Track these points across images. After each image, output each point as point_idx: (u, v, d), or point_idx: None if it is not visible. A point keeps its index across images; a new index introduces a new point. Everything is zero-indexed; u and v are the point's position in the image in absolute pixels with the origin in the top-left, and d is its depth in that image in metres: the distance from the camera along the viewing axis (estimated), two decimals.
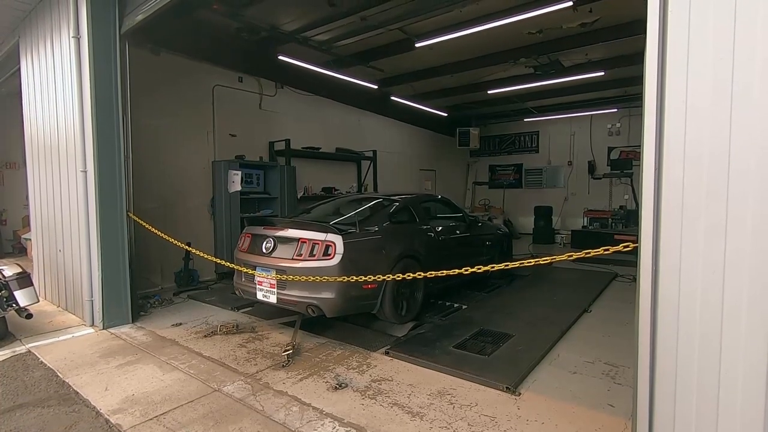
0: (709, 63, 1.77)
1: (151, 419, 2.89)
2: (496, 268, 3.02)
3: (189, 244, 5.32)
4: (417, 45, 7.19)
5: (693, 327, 1.83)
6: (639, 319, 1.98)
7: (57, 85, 5.24)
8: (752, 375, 1.70)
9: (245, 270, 4.44)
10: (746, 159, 1.70)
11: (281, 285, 4.25)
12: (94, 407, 3.06)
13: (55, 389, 3.36)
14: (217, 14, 6.36)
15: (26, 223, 9.05)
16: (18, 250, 9.47)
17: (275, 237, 4.52)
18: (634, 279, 2.15)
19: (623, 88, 10.49)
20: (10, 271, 4.40)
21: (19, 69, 6.37)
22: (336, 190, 9.67)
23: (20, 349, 4.21)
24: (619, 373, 3.52)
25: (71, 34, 4.68)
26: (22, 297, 4.35)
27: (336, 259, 4.07)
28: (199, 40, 6.99)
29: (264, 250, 4.51)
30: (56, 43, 5.17)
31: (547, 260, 2.84)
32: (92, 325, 4.81)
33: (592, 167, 12.76)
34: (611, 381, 3.39)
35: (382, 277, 3.59)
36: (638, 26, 6.51)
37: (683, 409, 1.88)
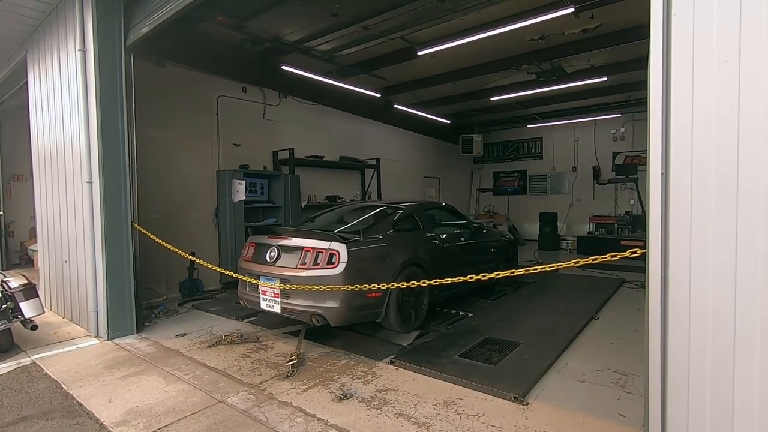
0: (714, 66, 1.75)
1: (154, 431, 2.87)
2: (501, 276, 2.99)
3: (193, 254, 5.32)
4: (419, 53, 7.22)
5: (705, 335, 1.79)
6: (649, 328, 1.95)
7: (63, 97, 5.30)
8: None
9: (249, 279, 4.43)
10: (756, 164, 1.67)
11: (285, 294, 4.23)
12: (98, 419, 3.04)
13: (60, 401, 3.35)
14: (221, 26, 6.44)
15: (33, 235, 9.11)
16: (25, 261, 9.53)
17: (279, 246, 4.51)
18: (642, 285, 2.12)
19: (627, 93, 10.47)
20: (15, 282, 4.41)
21: (26, 83, 6.46)
22: (340, 198, 9.68)
23: (25, 360, 4.20)
24: (629, 381, 3.45)
25: (77, 48, 4.75)
26: (27, 308, 4.35)
27: (340, 268, 4.05)
28: (203, 51, 7.07)
29: (268, 260, 4.50)
30: (63, 57, 5.24)
31: (552, 267, 2.81)
32: (97, 336, 4.80)
33: (596, 173, 12.70)
34: (621, 390, 3.32)
35: (386, 286, 3.58)
36: (640, 31, 6.51)
37: (697, 419, 1.83)
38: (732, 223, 1.71)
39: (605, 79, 8.93)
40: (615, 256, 2.37)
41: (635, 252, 2.28)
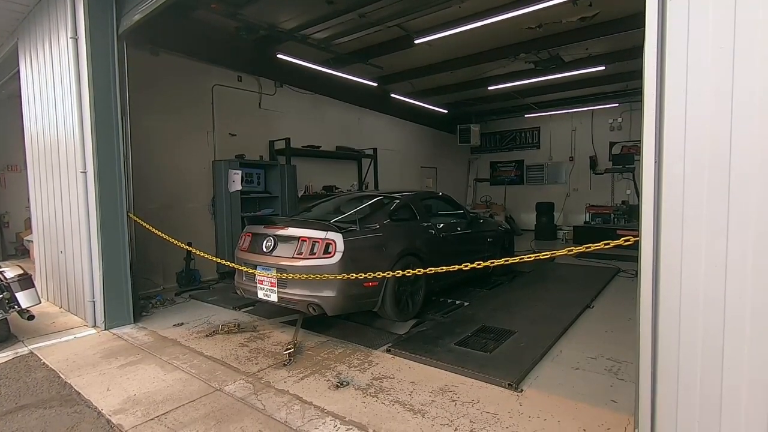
0: (709, 53, 1.74)
1: (152, 419, 2.89)
2: (496, 264, 3.01)
3: (190, 244, 5.32)
4: (416, 42, 7.15)
5: (695, 322, 1.81)
6: (640, 314, 1.97)
7: (56, 86, 5.24)
8: (756, 371, 1.68)
9: (246, 269, 4.44)
10: (749, 153, 1.67)
11: (282, 284, 4.25)
12: (96, 408, 3.06)
13: (57, 390, 3.36)
14: (216, 14, 6.35)
15: (28, 226, 9.06)
16: (21, 252, 9.50)
17: (276, 236, 4.51)
18: (637, 274, 2.13)
19: (624, 83, 10.44)
20: (11, 272, 4.41)
21: (18, 71, 6.37)
22: (337, 188, 9.66)
23: (22, 350, 4.21)
24: (622, 368, 3.50)
25: (69, 35, 4.68)
26: (24, 298, 4.36)
27: (336, 257, 4.06)
28: (198, 39, 6.98)
29: (264, 249, 4.51)
30: (54, 45, 5.16)
31: (547, 255, 2.82)
32: (94, 326, 4.81)
33: (593, 163, 12.71)
34: (614, 377, 3.37)
35: (382, 275, 3.59)
36: (638, 20, 6.44)
37: (686, 405, 1.86)
38: (724, 211, 1.72)
39: (603, 68, 8.89)
40: (608, 244, 2.39)
41: (628, 240, 2.30)
